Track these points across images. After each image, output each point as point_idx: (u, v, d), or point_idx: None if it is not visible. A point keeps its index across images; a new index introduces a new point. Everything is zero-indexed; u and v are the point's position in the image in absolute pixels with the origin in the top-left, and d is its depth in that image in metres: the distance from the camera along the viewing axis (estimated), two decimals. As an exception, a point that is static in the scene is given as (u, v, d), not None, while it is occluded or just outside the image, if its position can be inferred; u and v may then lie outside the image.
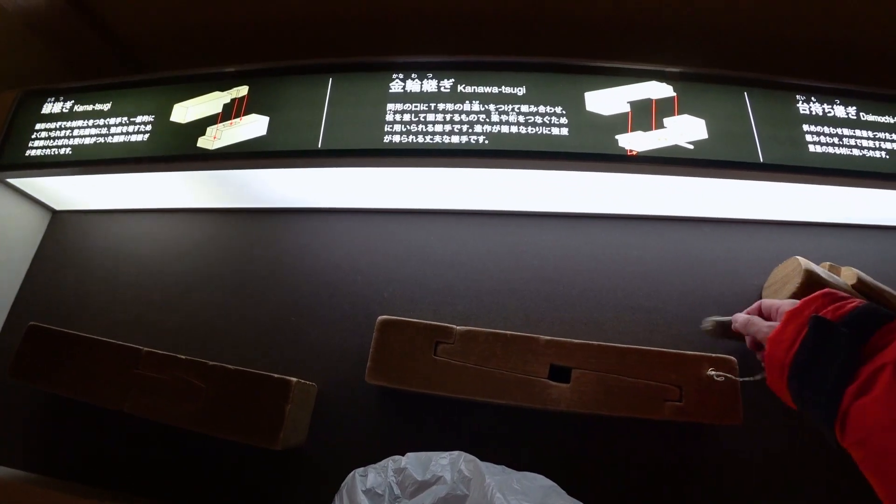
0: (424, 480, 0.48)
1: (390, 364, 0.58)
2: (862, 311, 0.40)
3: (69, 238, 0.86)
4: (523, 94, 0.66)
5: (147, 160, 0.71)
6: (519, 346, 0.57)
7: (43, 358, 0.65)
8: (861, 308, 0.40)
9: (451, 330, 0.59)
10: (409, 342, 0.58)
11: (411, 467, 0.49)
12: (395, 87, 0.68)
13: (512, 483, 0.46)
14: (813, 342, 0.40)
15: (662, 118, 0.66)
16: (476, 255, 0.73)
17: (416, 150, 0.63)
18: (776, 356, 0.43)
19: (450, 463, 0.48)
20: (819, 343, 0.40)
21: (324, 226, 0.78)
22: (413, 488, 0.47)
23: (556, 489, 0.47)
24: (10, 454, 0.70)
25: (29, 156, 0.77)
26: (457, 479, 0.47)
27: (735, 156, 0.65)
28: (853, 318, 0.39)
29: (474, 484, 0.46)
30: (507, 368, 0.56)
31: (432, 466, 0.48)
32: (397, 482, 0.49)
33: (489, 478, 0.45)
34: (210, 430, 0.57)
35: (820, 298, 0.44)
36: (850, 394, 0.36)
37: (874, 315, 0.39)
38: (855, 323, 0.39)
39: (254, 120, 0.69)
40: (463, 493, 0.46)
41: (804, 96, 0.70)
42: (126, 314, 0.77)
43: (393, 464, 0.50)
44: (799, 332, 0.42)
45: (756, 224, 0.75)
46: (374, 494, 0.48)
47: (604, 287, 0.71)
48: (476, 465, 0.48)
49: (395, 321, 0.60)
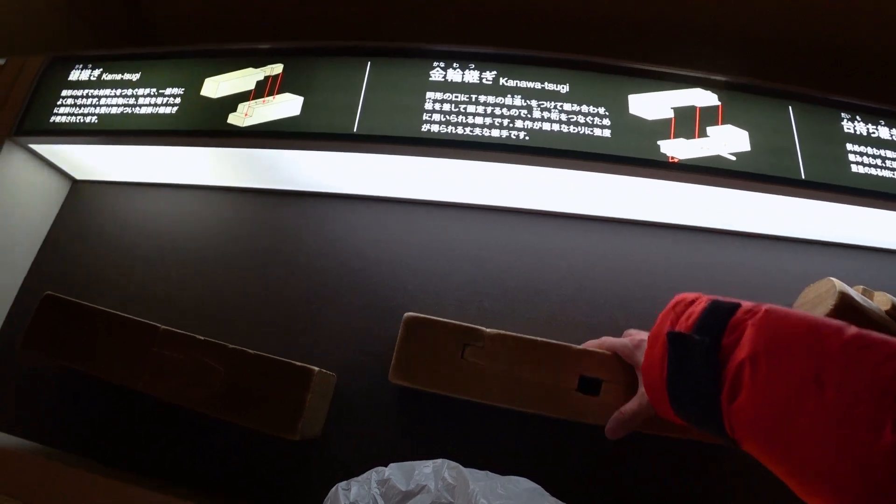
0: (408, 490, 0.47)
1: (415, 364, 0.56)
2: (707, 313, 0.39)
3: (88, 208, 0.84)
4: (566, 91, 0.65)
5: (175, 134, 0.70)
6: (550, 354, 0.56)
7: (57, 329, 0.64)
8: (706, 310, 0.40)
9: (481, 332, 0.57)
10: (436, 342, 0.57)
11: (395, 478, 0.48)
12: (435, 76, 0.66)
13: (496, 488, 0.45)
14: (676, 359, 0.39)
15: (706, 126, 0.65)
16: (504, 252, 0.71)
17: (454, 141, 0.62)
18: (653, 382, 0.42)
19: (433, 471, 0.48)
20: (681, 358, 0.39)
21: (351, 212, 0.76)
22: (397, 499, 0.47)
23: (541, 492, 0.47)
24: (22, 424, 0.69)
25: (53, 122, 0.76)
26: (441, 488, 0.46)
27: (777, 170, 0.63)
28: (703, 323, 0.39)
29: (458, 491, 0.45)
30: (536, 376, 0.55)
31: (416, 476, 0.48)
32: (381, 494, 0.48)
33: (473, 484, 0.45)
34: (226, 416, 0.56)
35: (671, 311, 0.43)
36: (725, 399, 0.36)
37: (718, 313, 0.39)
38: (706, 327, 0.38)
39: (288, 99, 0.67)
40: (448, 501, 0.45)
41: (849, 115, 0.68)
42: (142, 289, 0.75)
43: (376, 475, 0.49)
44: (663, 351, 0.41)
45: (789, 241, 0.74)
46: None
47: (631, 295, 0.69)
48: (460, 471, 0.47)
49: (422, 319, 0.58)
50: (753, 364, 0.34)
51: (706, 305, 0.40)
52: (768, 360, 0.34)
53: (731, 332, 0.37)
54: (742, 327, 0.36)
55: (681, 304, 0.43)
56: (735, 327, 0.37)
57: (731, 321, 0.37)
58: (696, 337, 0.38)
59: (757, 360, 0.34)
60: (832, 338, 0.32)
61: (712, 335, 0.37)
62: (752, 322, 0.36)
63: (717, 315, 0.38)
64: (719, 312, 0.39)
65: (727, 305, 0.39)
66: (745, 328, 0.36)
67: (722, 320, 0.38)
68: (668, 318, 0.43)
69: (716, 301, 0.40)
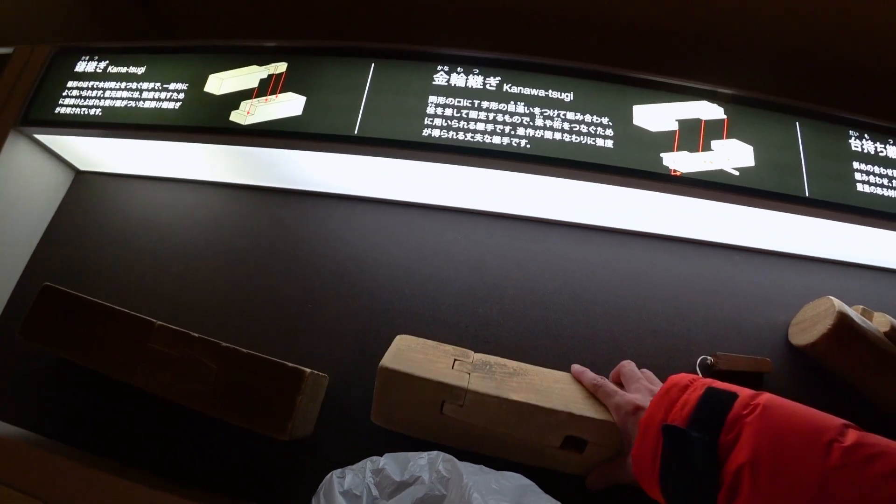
0: (402, 481, 0.47)
1: (396, 413, 0.54)
2: (703, 405, 0.39)
3: (90, 200, 0.85)
4: (570, 100, 0.64)
5: (177, 129, 0.70)
6: (535, 417, 0.51)
7: (55, 319, 0.64)
8: (702, 401, 0.39)
9: (460, 391, 0.52)
10: (414, 397, 0.53)
11: (389, 468, 0.48)
12: (439, 80, 0.66)
13: (490, 483, 0.45)
14: (672, 453, 0.39)
15: (710, 140, 0.64)
16: (502, 259, 0.71)
17: (455, 147, 0.61)
18: (644, 471, 0.41)
19: (428, 463, 0.48)
20: (677, 453, 0.38)
21: (349, 213, 0.76)
22: (391, 489, 0.47)
23: (534, 488, 0.47)
24: (16, 413, 0.70)
25: (58, 113, 0.76)
26: (435, 480, 0.46)
27: (781, 187, 0.63)
28: (698, 416, 0.38)
29: (452, 484, 0.45)
30: (517, 434, 0.52)
31: (410, 467, 0.48)
32: (375, 483, 0.48)
33: (467, 477, 0.44)
34: (217, 413, 0.56)
35: (665, 396, 0.42)
36: (722, 500, 0.35)
37: (715, 405, 0.38)
38: (702, 420, 0.38)
39: (290, 98, 0.67)
40: (441, 494, 0.45)
41: (857, 132, 0.67)
42: (140, 283, 0.76)
43: (371, 464, 0.49)
44: (657, 442, 0.40)
45: (789, 258, 0.73)
46: (351, 496, 0.47)
47: (627, 306, 0.69)
48: (454, 464, 0.47)
49: (398, 374, 0.53)
50: (754, 470, 0.34)
51: (701, 395, 0.40)
52: (769, 466, 0.33)
53: (729, 430, 0.36)
54: (740, 424, 0.36)
55: (674, 390, 0.42)
56: (733, 424, 0.36)
57: (728, 417, 0.37)
58: (694, 434, 0.37)
59: (758, 465, 0.34)
60: (834, 445, 0.32)
61: (709, 431, 0.37)
62: (749, 421, 0.36)
63: (714, 408, 0.38)
64: (716, 405, 0.38)
65: (723, 396, 0.38)
66: (744, 426, 0.36)
67: (719, 415, 0.37)
68: (661, 405, 0.42)
69: (711, 390, 0.40)
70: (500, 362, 0.58)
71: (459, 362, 0.56)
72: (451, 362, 0.56)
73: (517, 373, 0.56)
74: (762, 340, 0.68)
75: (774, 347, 0.67)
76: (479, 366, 0.57)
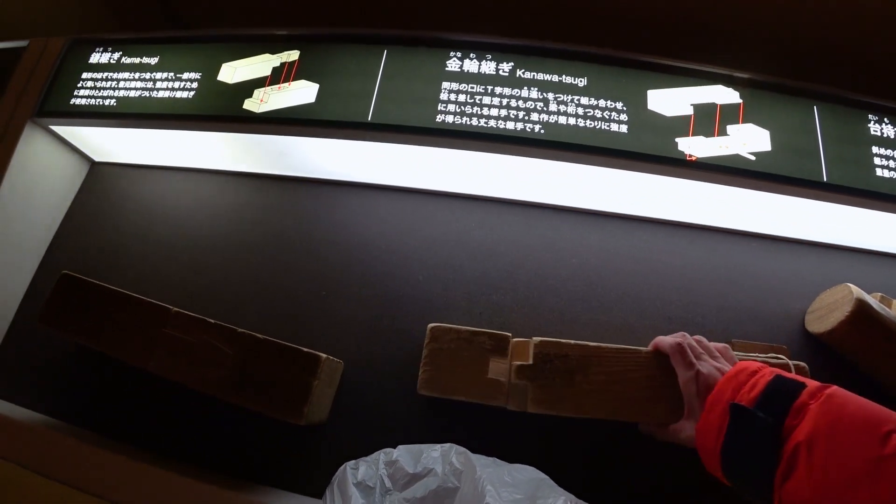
0: (416, 473, 0.47)
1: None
2: (771, 390, 0.41)
3: (106, 190, 0.86)
4: (584, 85, 0.64)
5: (191, 118, 0.70)
6: None
7: (73, 307, 0.65)
8: (770, 386, 0.41)
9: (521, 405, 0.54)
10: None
11: (402, 460, 0.49)
12: (451, 66, 0.65)
13: (503, 475, 0.45)
14: (735, 430, 0.41)
15: (726, 125, 0.63)
16: (515, 246, 0.71)
17: (469, 132, 0.61)
18: (707, 445, 0.44)
19: (441, 455, 0.48)
20: (741, 430, 0.40)
21: (362, 201, 0.76)
22: (404, 481, 0.47)
23: (548, 481, 0.47)
24: (36, 399, 0.71)
25: (74, 104, 0.77)
26: (448, 472, 0.46)
27: (798, 172, 0.62)
28: (766, 400, 0.40)
29: (465, 476, 0.45)
30: None
31: (423, 459, 0.48)
32: (388, 475, 0.48)
33: (480, 470, 0.45)
34: (233, 399, 0.57)
35: (734, 379, 0.44)
36: (779, 477, 0.37)
37: (783, 392, 0.40)
38: (769, 404, 0.40)
39: (303, 86, 0.67)
40: (454, 486, 0.45)
41: (877, 116, 0.66)
42: (156, 271, 0.76)
43: (384, 456, 0.50)
44: (722, 419, 0.42)
45: (807, 245, 0.72)
46: (365, 487, 0.48)
47: (642, 293, 0.68)
48: (467, 457, 0.47)
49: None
50: (810, 448, 0.36)
51: (770, 380, 0.42)
52: (825, 446, 0.35)
53: (795, 416, 0.38)
54: (805, 411, 0.38)
55: (743, 374, 0.45)
56: (798, 411, 0.38)
57: (795, 403, 0.39)
58: (761, 415, 0.39)
59: (814, 444, 0.36)
60: (893, 436, 0.33)
61: (776, 415, 0.39)
62: (814, 405, 0.38)
63: (781, 394, 0.40)
64: (784, 392, 0.40)
65: (792, 385, 0.41)
66: (808, 412, 0.38)
67: (786, 400, 0.39)
68: (730, 386, 0.44)
69: (780, 377, 0.42)
70: (560, 352, 0.54)
71: (503, 363, 0.56)
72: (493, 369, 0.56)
73: (579, 367, 0.54)
74: (778, 328, 0.67)
75: (791, 335, 0.66)
76: (538, 367, 0.54)
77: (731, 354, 0.53)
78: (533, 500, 0.43)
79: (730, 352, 0.53)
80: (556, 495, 0.44)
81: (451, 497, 0.45)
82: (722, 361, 0.51)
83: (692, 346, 0.52)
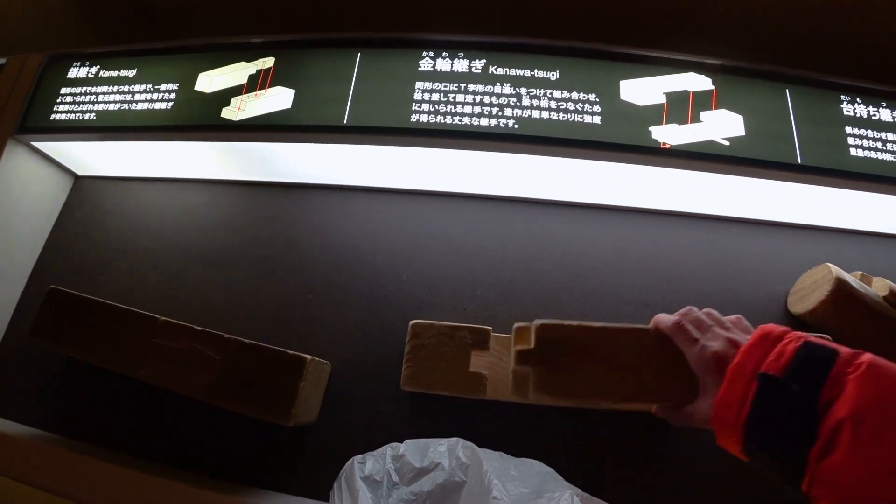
0: (423, 467, 0.47)
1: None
2: (804, 357, 0.37)
3: (91, 204, 0.86)
4: (556, 78, 0.64)
5: (170, 129, 0.71)
6: None
7: (62, 321, 0.65)
8: (801, 353, 0.37)
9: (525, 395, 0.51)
10: None
11: (409, 454, 0.49)
12: (424, 66, 0.66)
13: (509, 469, 0.46)
14: (764, 402, 0.37)
15: (699, 112, 0.64)
16: (498, 241, 0.71)
17: (443, 130, 0.62)
18: (727, 418, 0.40)
19: (448, 450, 0.48)
20: (771, 403, 0.37)
21: (345, 203, 0.77)
22: (411, 475, 0.47)
23: (554, 475, 0.47)
24: (28, 413, 0.72)
25: (54, 120, 0.77)
26: (455, 466, 0.47)
27: (772, 155, 0.63)
28: (799, 367, 0.36)
29: (472, 470, 0.46)
30: None
31: (430, 453, 0.48)
32: (395, 469, 0.49)
33: (487, 464, 0.45)
34: (223, 403, 0.57)
35: (758, 345, 0.40)
36: (814, 455, 0.34)
37: (815, 359, 0.36)
38: (801, 373, 0.36)
39: (279, 92, 0.68)
40: (461, 480, 0.45)
41: (849, 97, 0.67)
42: (143, 283, 0.77)
43: (391, 451, 0.50)
44: (746, 391, 0.38)
45: (786, 227, 0.73)
46: (372, 481, 0.48)
47: (624, 282, 0.69)
48: (474, 451, 0.47)
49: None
50: (856, 425, 0.33)
51: (799, 346, 0.38)
52: (873, 422, 0.32)
53: (832, 386, 0.35)
54: (843, 382, 0.35)
55: (767, 340, 0.40)
56: (836, 381, 0.35)
57: (831, 372, 0.35)
58: (794, 386, 0.36)
59: (861, 421, 0.33)
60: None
61: (810, 386, 0.35)
62: (853, 377, 0.35)
63: (815, 362, 0.36)
64: (816, 359, 0.36)
65: (825, 352, 0.37)
66: (847, 383, 0.35)
67: (822, 369, 0.36)
68: (753, 355, 0.40)
69: (809, 343, 0.38)
70: (566, 334, 0.48)
71: (484, 357, 0.56)
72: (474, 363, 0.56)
73: (585, 351, 0.48)
74: (761, 311, 0.68)
75: (774, 318, 0.67)
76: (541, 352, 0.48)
77: (746, 324, 0.49)
78: (539, 494, 0.43)
79: (743, 322, 0.49)
80: (563, 489, 0.44)
81: (458, 491, 0.45)
82: (736, 332, 0.47)
83: (699, 321, 0.48)
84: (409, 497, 0.46)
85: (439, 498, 0.45)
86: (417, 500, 0.45)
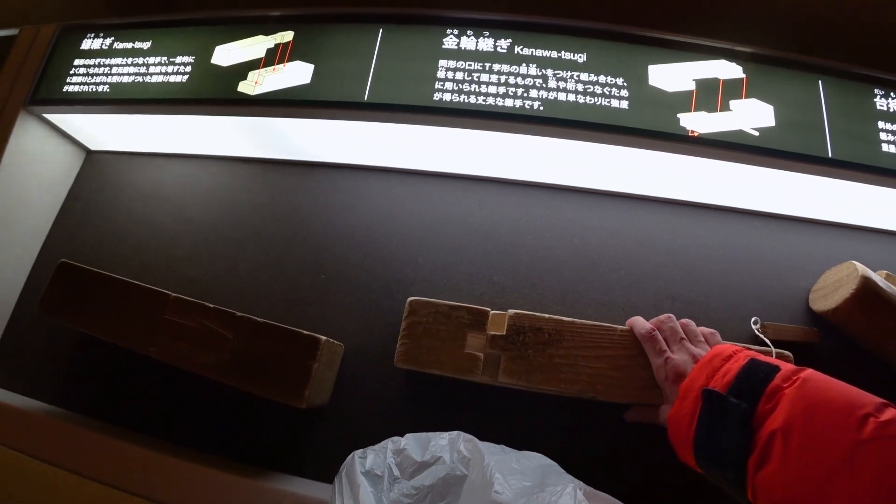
0: (424, 461, 0.47)
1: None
2: (745, 375, 0.39)
3: (102, 178, 0.85)
4: (584, 61, 0.63)
5: (185, 102, 0.69)
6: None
7: (71, 295, 0.65)
8: (743, 371, 0.39)
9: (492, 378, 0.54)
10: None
11: (410, 448, 0.48)
12: (448, 44, 0.64)
13: (511, 462, 0.45)
14: (708, 417, 0.39)
15: (729, 100, 0.62)
16: (516, 227, 0.70)
17: (467, 110, 0.60)
18: (679, 433, 0.42)
19: (449, 443, 0.48)
20: (714, 417, 0.39)
21: (361, 183, 0.75)
22: (412, 469, 0.47)
23: (556, 468, 0.47)
24: (38, 387, 0.71)
25: (66, 92, 0.76)
26: (456, 460, 0.46)
27: (802, 147, 0.61)
28: (739, 385, 0.39)
29: (473, 464, 0.45)
30: None
31: (431, 447, 0.48)
32: (396, 463, 0.48)
33: (488, 457, 0.45)
34: (234, 382, 0.56)
35: (708, 364, 0.43)
36: (752, 465, 0.35)
37: (757, 376, 0.38)
38: (742, 389, 0.38)
39: (298, 67, 0.66)
40: (462, 474, 0.45)
41: (883, 91, 0.65)
42: (154, 259, 0.76)
43: (392, 445, 0.50)
44: (695, 406, 0.41)
45: (811, 223, 0.71)
46: (373, 476, 0.47)
47: (645, 273, 0.68)
48: (475, 444, 0.47)
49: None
50: (786, 436, 0.34)
51: (744, 364, 0.40)
52: (801, 433, 0.34)
53: (769, 400, 0.37)
54: (779, 396, 0.37)
55: (717, 359, 0.43)
56: (772, 395, 0.37)
57: (768, 388, 0.37)
58: (733, 400, 0.38)
59: (790, 432, 0.34)
60: (869, 420, 0.32)
61: (749, 400, 0.37)
62: (788, 391, 0.36)
63: (754, 378, 0.39)
64: (757, 376, 0.39)
65: (766, 369, 0.39)
66: (782, 397, 0.36)
67: (760, 385, 0.38)
68: (703, 372, 0.43)
69: (754, 361, 0.40)
70: (535, 324, 0.55)
71: (480, 338, 0.55)
72: (470, 343, 0.55)
73: (552, 341, 0.54)
74: (782, 307, 0.66)
75: (795, 315, 0.66)
76: (511, 338, 0.55)
77: (717, 340, 0.52)
78: (542, 488, 0.42)
79: (716, 337, 0.52)
80: (565, 482, 0.44)
81: (460, 485, 0.45)
82: (703, 347, 0.50)
83: (674, 331, 0.51)
84: (410, 491, 0.45)
85: (441, 492, 0.45)
86: (419, 495, 0.45)
